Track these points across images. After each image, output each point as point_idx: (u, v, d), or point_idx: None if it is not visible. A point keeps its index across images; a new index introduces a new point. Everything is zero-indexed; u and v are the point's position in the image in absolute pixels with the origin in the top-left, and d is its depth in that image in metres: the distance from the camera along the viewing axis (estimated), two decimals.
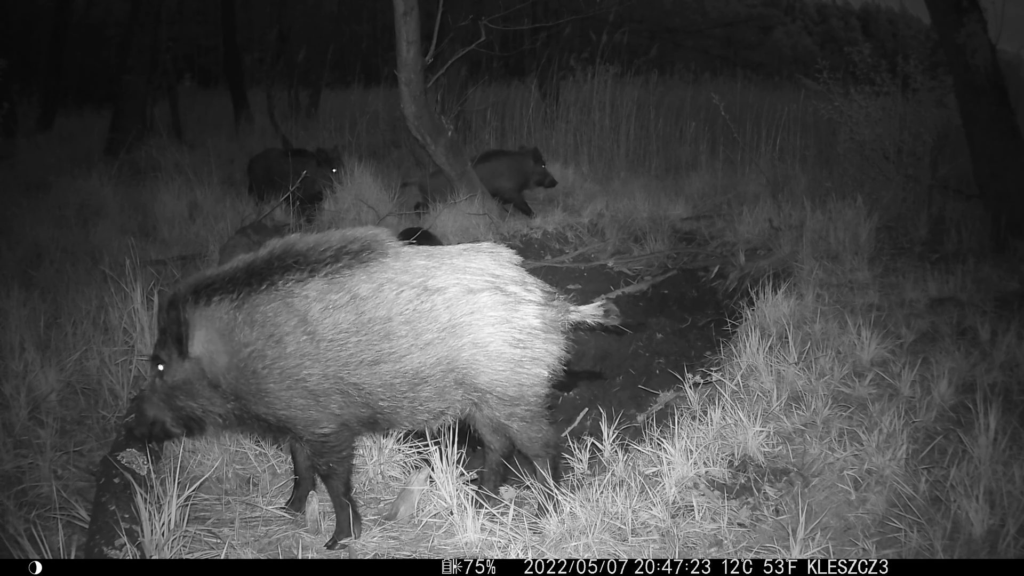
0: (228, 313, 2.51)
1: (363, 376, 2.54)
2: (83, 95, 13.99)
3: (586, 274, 5.99)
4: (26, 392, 3.33)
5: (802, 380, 3.56)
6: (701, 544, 2.60)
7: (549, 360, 2.69)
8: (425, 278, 2.59)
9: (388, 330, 2.53)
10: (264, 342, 2.50)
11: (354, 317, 2.51)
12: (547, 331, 2.67)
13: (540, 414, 2.75)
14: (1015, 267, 4.99)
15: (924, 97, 6.73)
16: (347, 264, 2.57)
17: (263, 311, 2.51)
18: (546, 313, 2.67)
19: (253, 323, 2.50)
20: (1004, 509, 2.52)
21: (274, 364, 2.51)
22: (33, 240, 5.67)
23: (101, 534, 2.36)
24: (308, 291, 2.52)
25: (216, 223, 6.29)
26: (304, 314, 2.50)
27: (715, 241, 6.57)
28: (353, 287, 2.54)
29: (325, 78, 13.26)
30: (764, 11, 26.53)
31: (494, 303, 2.61)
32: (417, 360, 2.56)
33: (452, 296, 2.58)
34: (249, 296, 2.52)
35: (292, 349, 2.50)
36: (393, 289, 2.55)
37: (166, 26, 11.47)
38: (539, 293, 2.70)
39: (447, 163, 6.71)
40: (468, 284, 2.61)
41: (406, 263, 2.62)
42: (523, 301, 2.65)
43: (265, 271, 2.55)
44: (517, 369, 2.63)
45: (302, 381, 2.52)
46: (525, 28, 11.08)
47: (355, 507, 2.71)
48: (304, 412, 2.57)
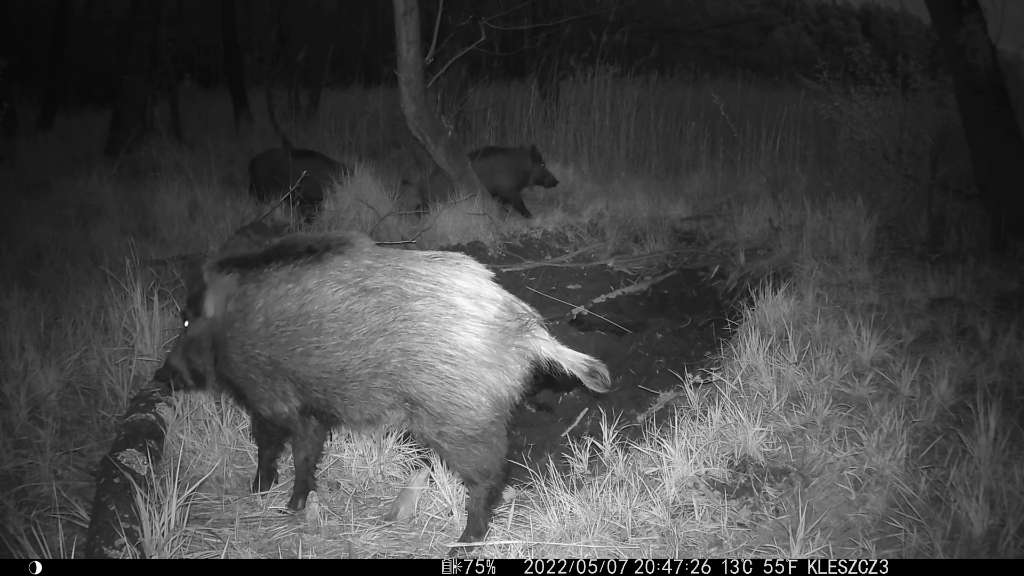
0: (231, 284, 2.78)
1: (297, 365, 2.64)
2: (83, 95, 13.99)
3: (586, 274, 5.99)
4: (26, 392, 3.33)
5: (802, 380, 3.56)
6: (701, 544, 2.60)
7: (488, 386, 2.45)
8: (363, 278, 2.56)
9: (320, 325, 2.58)
10: (237, 315, 2.73)
11: (296, 308, 2.62)
12: (490, 354, 2.44)
13: (476, 439, 2.51)
14: (1015, 267, 4.99)
15: (924, 97, 6.73)
16: (312, 259, 2.67)
17: (244, 288, 2.74)
18: (494, 334, 2.44)
19: (238, 297, 2.75)
20: (1004, 509, 2.52)
21: (236, 337, 2.73)
22: (33, 240, 5.66)
23: (101, 534, 2.36)
24: (275, 278, 2.70)
25: (216, 223, 6.29)
26: (265, 297, 2.69)
27: (715, 241, 6.57)
28: (305, 280, 2.64)
29: (325, 78, 13.26)
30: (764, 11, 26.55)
31: (429, 313, 2.45)
32: (342, 358, 2.56)
33: (386, 299, 2.50)
34: (245, 274, 2.77)
35: (253, 328, 2.70)
36: (332, 286, 2.58)
37: (166, 26, 11.47)
38: (494, 310, 2.46)
39: (447, 163, 6.71)
40: (404, 289, 2.50)
41: (355, 263, 2.61)
42: (465, 315, 2.44)
43: (266, 259, 2.78)
44: (448, 388, 2.44)
45: (254, 359, 2.71)
46: (525, 28, 11.08)
47: (271, 473, 3.01)
48: (253, 388, 2.77)
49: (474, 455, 2.54)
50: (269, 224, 6.06)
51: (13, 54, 10.52)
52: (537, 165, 7.28)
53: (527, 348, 2.50)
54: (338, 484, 3.06)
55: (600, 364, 2.55)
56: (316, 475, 2.98)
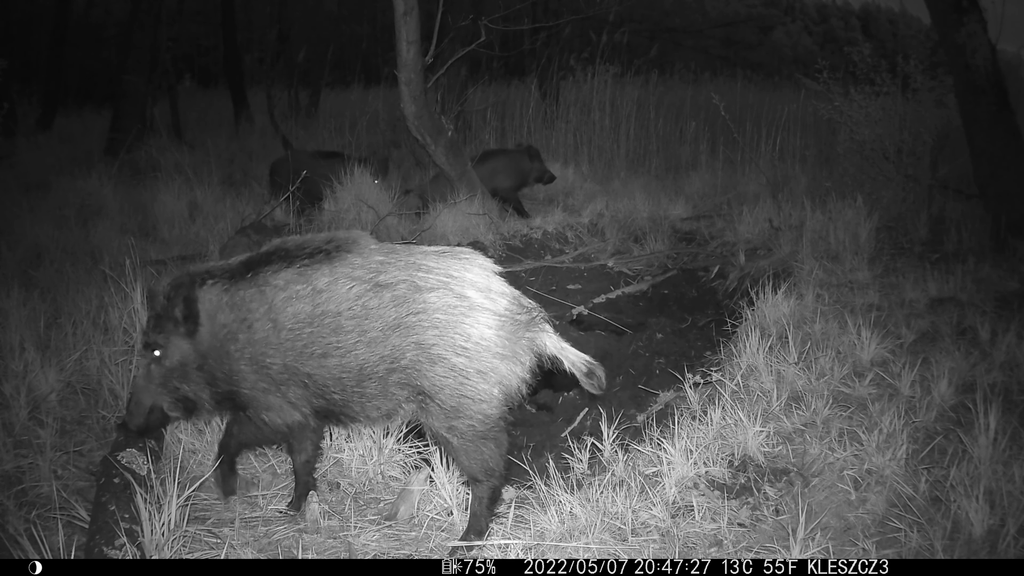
0: (217, 296, 2.62)
1: (314, 368, 2.57)
2: (83, 95, 13.97)
3: (586, 274, 6.00)
4: (26, 392, 3.33)
5: (802, 380, 3.56)
6: (701, 544, 2.60)
7: (500, 378, 2.48)
8: (377, 273, 2.54)
9: (337, 324, 2.53)
10: (238, 325, 2.60)
11: (310, 309, 2.54)
12: (502, 345, 2.47)
13: (485, 435, 2.53)
14: (1015, 267, 4.99)
15: (924, 97, 6.73)
16: (319, 260, 2.60)
17: (241, 296, 2.61)
18: (505, 326, 2.48)
19: (232, 306, 2.61)
20: (1004, 509, 2.52)
21: (243, 349, 2.60)
22: (33, 240, 5.66)
23: (101, 534, 2.36)
24: (278, 280, 2.59)
25: (216, 223, 6.29)
26: (271, 302, 2.57)
27: (715, 241, 6.57)
28: (315, 280, 2.56)
29: (325, 78, 13.26)
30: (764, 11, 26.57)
31: (443, 305, 2.47)
32: (362, 356, 2.52)
33: (400, 293, 2.49)
34: (235, 282, 2.64)
35: (260, 336, 2.58)
36: (346, 283, 2.54)
37: (166, 26, 11.45)
38: (504, 303, 2.50)
39: (447, 163, 6.71)
40: (417, 282, 2.50)
41: (366, 259, 2.58)
42: (478, 308, 2.47)
43: (255, 264, 2.66)
44: (461, 380, 2.46)
45: (266, 368, 2.60)
46: (525, 28, 11.08)
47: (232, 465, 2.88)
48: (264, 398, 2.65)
49: (482, 452, 2.55)
50: (269, 224, 6.06)
51: (13, 54, 10.51)
52: (535, 164, 7.29)
53: (535, 341, 2.53)
54: (338, 484, 3.06)
55: (599, 366, 2.59)
56: (316, 475, 2.98)
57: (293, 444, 2.87)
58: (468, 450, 2.54)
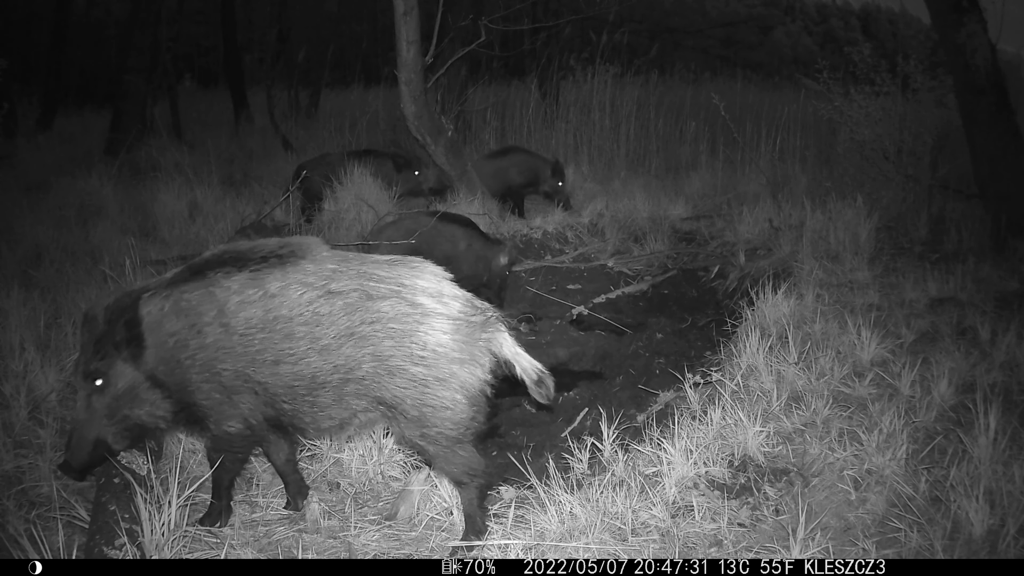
0: (158, 305, 2.54)
1: (267, 375, 2.52)
2: (83, 95, 13.97)
3: (586, 274, 6.00)
4: (26, 392, 3.33)
5: (802, 380, 3.56)
6: (701, 544, 2.60)
7: (461, 383, 2.47)
8: (328, 281, 2.50)
9: (290, 330, 2.49)
10: (187, 332, 2.52)
11: (262, 313, 2.50)
12: (459, 350, 2.46)
13: (459, 439, 2.53)
14: (1015, 267, 4.99)
15: (924, 97, 6.74)
16: (272, 264, 2.56)
17: (188, 299, 2.53)
18: (460, 329, 2.47)
19: (179, 312, 2.53)
20: (1004, 509, 2.52)
21: (195, 356, 2.52)
22: (33, 240, 5.66)
23: (101, 534, 2.37)
24: (231, 283, 2.53)
25: (216, 223, 6.29)
26: (222, 305, 2.51)
27: (715, 241, 6.57)
28: (267, 284, 2.52)
29: (325, 78, 13.26)
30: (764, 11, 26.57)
31: (396, 314, 2.45)
32: (315, 364, 2.49)
33: (352, 302, 2.47)
34: (177, 287, 2.56)
35: (211, 340, 2.51)
36: (298, 289, 2.51)
37: (166, 26, 11.46)
38: (457, 306, 2.49)
39: (447, 163, 6.71)
40: (369, 291, 2.47)
41: (319, 266, 2.55)
42: (431, 314, 2.45)
43: (201, 267, 2.59)
44: (422, 390, 2.45)
45: (217, 375, 2.53)
46: (525, 28, 11.07)
47: (230, 500, 2.78)
48: (219, 408, 2.58)
49: (460, 456, 2.55)
50: (269, 224, 6.06)
51: (13, 54, 10.48)
52: (554, 178, 7.16)
53: (491, 341, 2.51)
54: (338, 484, 3.06)
55: (549, 376, 2.57)
56: (316, 475, 2.98)
57: (268, 447, 2.83)
58: (446, 456, 2.54)
